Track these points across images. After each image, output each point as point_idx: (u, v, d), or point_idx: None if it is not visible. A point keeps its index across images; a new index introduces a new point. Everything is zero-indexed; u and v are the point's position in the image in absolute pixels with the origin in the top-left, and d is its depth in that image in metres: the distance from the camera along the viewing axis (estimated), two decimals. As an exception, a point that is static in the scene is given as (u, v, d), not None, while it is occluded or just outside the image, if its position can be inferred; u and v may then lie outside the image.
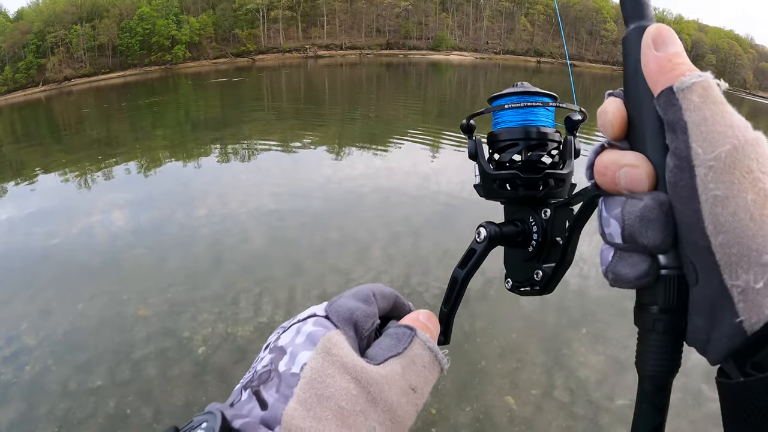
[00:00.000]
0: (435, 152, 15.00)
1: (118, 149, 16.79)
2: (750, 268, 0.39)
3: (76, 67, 69.47)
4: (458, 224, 8.23)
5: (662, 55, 0.44)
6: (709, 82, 0.43)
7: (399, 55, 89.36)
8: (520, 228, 0.65)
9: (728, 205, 0.39)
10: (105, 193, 11.47)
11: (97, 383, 4.75)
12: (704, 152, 0.41)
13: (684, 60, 0.44)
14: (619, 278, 0.46)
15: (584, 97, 43.57)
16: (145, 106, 31.62)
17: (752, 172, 0.40)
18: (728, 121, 0.41)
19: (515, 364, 4.93)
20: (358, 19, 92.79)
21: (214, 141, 17.16)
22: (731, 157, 0.40)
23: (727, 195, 0.39)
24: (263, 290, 6.34)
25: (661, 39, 0.45)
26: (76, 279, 6.99)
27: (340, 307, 0.57)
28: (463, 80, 47.33)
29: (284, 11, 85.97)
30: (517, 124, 0.64)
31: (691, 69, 0.44)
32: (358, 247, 7.60)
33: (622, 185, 0.46)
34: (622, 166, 0.46)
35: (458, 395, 4.47)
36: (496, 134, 0.66)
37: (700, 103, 0.42)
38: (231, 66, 72.42)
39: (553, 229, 0.62)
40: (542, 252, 0.63)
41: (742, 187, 0.39)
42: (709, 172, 0.40)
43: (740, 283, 0.39)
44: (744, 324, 0.40)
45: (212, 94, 37.76)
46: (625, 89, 0.49)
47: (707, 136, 0.41)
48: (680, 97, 0.43)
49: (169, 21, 74.96)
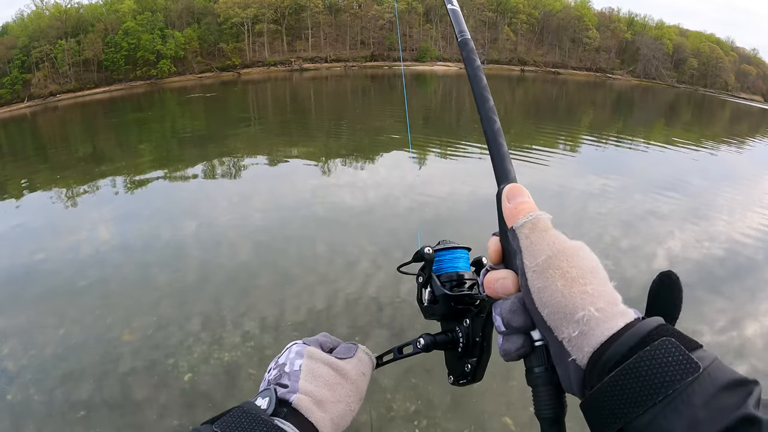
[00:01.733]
0: (421, 163, 15.03)
1: (103, 166, 16.68)
2: (569, 325, 0.60)
3: (62, 82, 68.85)
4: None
5: (511, 205, 0.70)
6: (537, 219, 0.67)
7: (384, 66, 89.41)
8: (450, 337, 0.88)
9: (546, 291, 0.62)
10: (90, 210, 11.41)
11: (81, 412, 4.70)
12: (530, 263, 0.65)
13: (526, 206, 0.69)
14: (506, 353, 0.69)
15: (569, 105, 43.88)
16: (130, 121, 31.48)
17: (561, 268, 0.62)
18: (546, 241, 0.65)
19: (512, 382, 4.92)
20: (343, 32, 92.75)
21: (200, 157, 17.13)
22: (546, 263, 0.63)
23: (545, 285, 0.62)
24: (249, 311, 6.31)
25: (512, 194, 0.71)
26: (60, 300, 6.93)
27: (310, 338, 0.94)
28: (447, 91, 47.48)
29: (269, 24, 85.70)
30: (450, 270, 0.89)
31: (529, 211, 0.69)
32: (345, 261, 7.60)
33: (499, 292, 0.71)
34: (498, 279, 0.71)
35: (455, 417, 4.46)
36: (440, 276, 0.89)
37: (529, 233, 0.66)
38: (216, 80, 72.19)
39: (473, 333, 0.85)
40: (467, 350, 0.87)
41: (554, 279, 0.62)
42: (534, 275, 0.64)
43: (565, 335, 0.60)
44: (577, 361, 0.60)
45: (197, 109, 37.65)
46: (499, 229, 0.73)
47: (531, 253, 0.65)
48: (518, 232, 0.68)
49: (154, 35, 74.51)
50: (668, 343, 0.54)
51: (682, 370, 0.51)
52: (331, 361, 0.87)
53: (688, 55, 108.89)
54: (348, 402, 0.84)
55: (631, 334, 0.57)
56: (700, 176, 15.64)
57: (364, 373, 0.90)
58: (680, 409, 0.50)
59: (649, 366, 0.53)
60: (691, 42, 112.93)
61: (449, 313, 0.88)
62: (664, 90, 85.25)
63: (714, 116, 50.48)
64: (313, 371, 0.84)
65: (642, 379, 0.52)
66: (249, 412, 0.74)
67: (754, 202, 12.65)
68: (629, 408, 0.53)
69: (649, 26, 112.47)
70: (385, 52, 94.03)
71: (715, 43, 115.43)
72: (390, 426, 4.32)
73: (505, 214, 0.71)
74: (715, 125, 40.23)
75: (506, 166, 0.77)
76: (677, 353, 0.52)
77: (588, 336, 0.59)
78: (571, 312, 0.60)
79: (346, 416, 0.83)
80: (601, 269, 0.64)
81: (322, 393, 0.81)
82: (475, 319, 0.85)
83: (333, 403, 0.82)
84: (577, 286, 0.61)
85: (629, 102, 53.52)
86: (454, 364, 0.90)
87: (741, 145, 25.96)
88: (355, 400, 0.86)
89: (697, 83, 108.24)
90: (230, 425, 0.71)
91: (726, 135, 30.84)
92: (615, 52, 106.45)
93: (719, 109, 60.00)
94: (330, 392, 0.82)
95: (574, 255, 0.64)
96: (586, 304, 0.60)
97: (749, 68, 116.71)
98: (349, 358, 0.89)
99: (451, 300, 0.86)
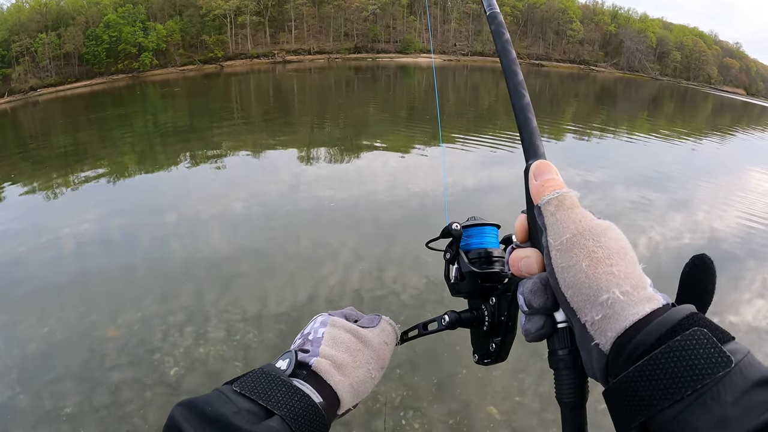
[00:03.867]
0: (404, 156, 15.06)
1: (86, 160, 16.54)
2: (592, 308, 0.58)
3: (42, 76, 67.83)
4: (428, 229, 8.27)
5: (538, 182, 0.69)
6: (564, 196, 0.66)
7: (367, 58, 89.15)
8: (475, 315, 0.87)
9: (570, 271, 0.61)
10: (71, 206, 11.33)
11: (68, 410, 4.69)
12: (554, 241, 0.63)
13: (553, 183, 0.68)
14: (527, 332, 0.68)
15: (552, 96, 44.10)
16: (112, 115, 31.23)
17: (587, 248, 0.61)
18: (572, 219, 0.64)
19: (496, 372, 4.97)
20: (326, 24, 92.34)
21: (183, 150, 17.03)
22: (571, 242, 0.62)
23: (569, 264, 0.61)
24: (233, 305, 6.31)
25: (539, 171, 0.70)
26: (44, 297, 6.87)
27: (336, 311, 0.95)
28: (431, 83, 47.45)
29: (252, 17, 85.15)
30: (478, 246, 0.88)
31: (556, 188, 0.67)
32: (326, 251, 7.62)
33: (523, 271, 0.69)
34: (522, 258, 0.70)
35: (440, 407, 4.51)
36: (468, 253, 0.88)
37: (555, 211, 0.65)
38: (199, 73, 71.72)
39: (499, 312, 0.84)
40: (492, 329, 0.85)
41: (578, 258, 0.60)
42: (558, 253, 0.62)
43: (588, 318, 0.59)
44: (600, 346, 0.58)
45: (180, 103, 37.39)
46: (527, 206, 0.72)
47: (557, 231, 0.63)
48: (543, 209, 0.66)
49: (136, 28, 73.64)
50: (699, 334, 0.51)
51: (714, 363, 0.49)
52: (353, 329, 0.88)
53: (672, 48, 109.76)
54: (369, 369, 0.85)
55: (661, 322, 0.55)
56: (683, 167, 15.80)
57: (387, 343, 0.91)
58: (709, 404, 0.47)
59: (678, 357, 0.50)
60: (675, 35, 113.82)
61: (476, 291, 0.87)
62: (647, 82, 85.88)
63: (697, 109, 50.90)
64: (335, 337, 0.85)
65: (670, 371, 0.50)
66: (268, 373, 0.74)
67: (734, 193, 12.81)
68: (655, 400, 0.51)
69: (633, 19, 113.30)
70: (369, 44, 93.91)
71: (698, 37, 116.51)
72: (377, 416, 4.36)
73: (532, 192, 0.70)
74: (698, 117, 40.60)
75: (535, 141, 0.76)
76: (709, 345, 0.50)
77: (612, 320, 0.57)
78: (595, 294, 0.58)
79: (366, 383, 0.84)
80: (630, 250, 0.62)
81: (342, 357, 0.82)
82: (501, 297, 0.84)
83: (353, 368, 0.82)
84: (602, 267, 0.59)
85: (612, 94, 53.84)
86: (479, 343, 0.90)
87: (723, 137, 26.21)
88: (376, 367, 0.87)
89: (680, 76, 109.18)
90: (249, 385, 0.71)
91: (709, 127, 31.12)
92: (599, 45, 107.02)
93: (702, 102, 60.52)
94: (351, 357, 0.83)
95: (601, 234, 0.62)
96: (611, 286, 0.58)
97: (732, 62, 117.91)
98: (372, 327, 0.91)
99: (478, 278, 0.85)
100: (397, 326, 0.95)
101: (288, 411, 0.69)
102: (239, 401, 0.68)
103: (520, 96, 0.79)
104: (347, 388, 0.80)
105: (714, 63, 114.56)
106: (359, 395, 0.83)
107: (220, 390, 0.70)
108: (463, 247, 0.89)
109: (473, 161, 14.40)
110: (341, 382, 0.79)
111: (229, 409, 0.65)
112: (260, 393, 0.70)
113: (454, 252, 0.89)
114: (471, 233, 0.89)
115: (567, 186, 0.68)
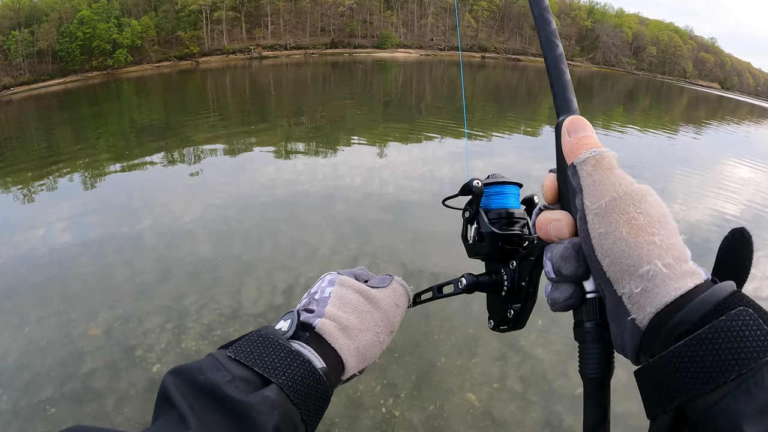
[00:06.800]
0: (382, 151, 15.12)
1: (61, 159, 16.34)
2: (631, 279, 0.54)
3: (15, 75, 66.73)
4: (407, 224, 8.35)
5: (572, 139, 0.63)
6: (602, 155, 0.60)
7: (344, 53, 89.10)
8: (493, 279, 0.83)
9: (609, 238, 0.56)
10: (48, 205, 11.20)
11: (52, 410, 4.69)
12: (591, 204, 0.58)
13: (589, 141, 0.62)
14: (554, 302, 0.64)
15: (529, 90, 44.37)
16: (87, 114, 30.91)
17: (627, 213, 0.56)
18: (611, 181, 0.58)
19: (475, 359, 5.05)
20: (303, 19, 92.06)
21: (159, 148, 16.92)
22: (610, 206, 0.57)
23: (608, 231, 0.56)
24: (212, 300, 6.33)
25: (573, 127, 0.64)
26: (21, 298, 6.81)
27: (345, 270, 0.90)
28: (408, 78, 47.54)
29: (228, 12, 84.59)
30: (500, 206, 0.84)
31: (592, 146, 0.62)
32: (306, 250, 7.65)
33: (552, 235, 0.64)
34: (551, 221, 0.64)
35: (420, 395, 4.57)
36: (488, 213, 0.83)
37: (592, 171, 0.60)
38: (174, 69, 71.14)
39: (519, 277, 0.79)
40: (511, 294, 0.80)
41: (618, 224, 0.56)
42: (595, 218, 0.57)
43: (626, 291, 0.55)
44: (636, 321, 0.54)
45: (155, 99, 37.10)
46: (557, 165, 0.67)
47: (594, 193, 0.58)
48: (579, 168, 0.61)
49: (110, 24, 72.78)
50: (746, 314, 0.47)
51: (759, 347, 0.45)
52: (362, 289, 0.84)
53: (647, 43, 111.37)
54: (377, 332, 0.80)
55: (705, 299, 0.51)
56: (658, 159, 16.02)
57: (398, 305, 0.86)
58: (752, 391, 0.44)
59: (723, 339, 0.46)
60: (651, 30, 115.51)
61: (495, 253, 0.82)
62: (623, 77, 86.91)
63: (672, 102, 51.57)
64: (342, 297, 0.80)
65: (715, 353, 0.46)
66: (266, 336, 0.69)
67: (710, 185, 13.02)
68: (696, 384, 0.47)
69: (609, 14, 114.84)
70: (346, 39, 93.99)
71: (674, 32, 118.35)
72: (357, 405, 4.43)
73: (565, 149, 0.64)
74: (674, 111, 41.18)
75: (568, 96, 0.69)
76: (755, 327, 0.46)
77: (652, 294, 0.53)
78: (636, 264, 0.54)
79: (373, 347, 0.79)
80: (670, 218, 0.58)
81: (349, 319, 0.77)
82: (522, 261, 0.79)
83: (360, 330, 0.78)
84: (643, 236, 0.55)
85: (588, 88, 54.33)
86: (496, 309, 0.85)
87: (699, 129, 26.62)
88: (385, 331, 0.82)
89: (655, 70, 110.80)
90: (245, 350, 0.67)
91: (684, 120, 31.60)
92: (575, 40, 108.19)
93: (677, 96, 61.30)
94: (358, 319, 0.79)
95: (642, 200, 0.57)
96: (652, 257, 0.54)
97: (707, 56, 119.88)
98: (383, 288, 0.87)
99: (499, 239, 0.81)
100: (410, 287, 0.91)
101: (286, 379, 0.65)
102: (233, 368, 0.64)
103: (553, 46, 0.72)
104: (353, 352, 0.75)
105: (689, 58, 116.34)
106: (365, 360, 0.79)
107: (214, 355, 0.66)
108: (483, 206, 0.84)
109: (446, 153, 14.48)
110: (346, 345, 0.75)
111: (221, 377, 0.61)
112: (256, 359, 0.66)
113: (473, 211, 0.84)
114: (491, 191, 0.85)
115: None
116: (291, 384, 0.65)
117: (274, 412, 0.61)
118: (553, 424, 4.31)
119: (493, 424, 4.28)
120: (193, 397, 0.59)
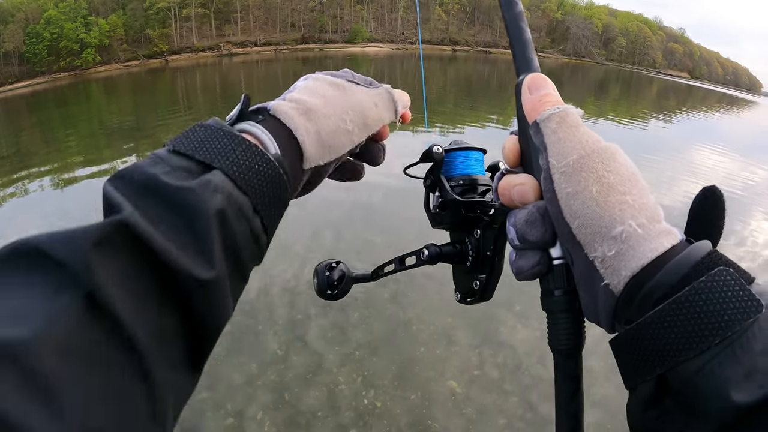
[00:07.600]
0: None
1: (30, 163, 16.08)
2: (603, 242, 0.50)
3: (-19, 78, 65.84)
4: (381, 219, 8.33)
5: (534, 96, 0.60)
6: (566, 111, 0.57)
7: (315, 49, 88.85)
8: (457, 249, 0.78)
9: (578, 198, 0.52)
10: (17, 213, 11.01)
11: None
12: (557, 162, 0.54)
13: (551, 98, 0.59)
14: (520, 270, 0.59)
15: (500, 82, 44.58)
16: (55, 116, 30.45)
17: (596, 171, 0.52)
18: (578, 138, 0.55)
19: (455, 347, 5.05)
20: (273, 15, 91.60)
21: (129, 150, 16.70)
22: (578, 164, 0.53)
23: (577, 190, 0.52)
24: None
25: (535, 85, 0.61)
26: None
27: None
28: (380, 72, 47.45)
29: (196, 9, 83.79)
30: (462, 173, 0.80)
31: (555, 104, 0.58)
32: (275, 244, 7.61)
33: (516, 200, 0.59)
34: (514, 185, 0.59)
35: (401, 385, 4.56)
36: (450, 180, 0.79)
37: (557, 128, 0.56)
38: (143, 68, 70.27)
39: (484, 246, 0.74)
40: (477, 264, 0.76)
41: (587, 183, 0.52)
42: (562, 177, 0.53)
43: (598, 254, 0.50)
44: (610, 286, 0.50)
45: (125, 100, 36.68)
46: (518, 127, 0.63)
47: (560, 151, 0.54)
48: (542, 126, 0.57)
49: (78, 24, 71.76)
50: (726, 274, 0.44)
51: (743, 308, 0.42)
52: (337, 82, 0.71)
53: (617, 34, 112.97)
54: (345, 119, 0.67)
55: (682, 260, 0.48)
56: (630, 148, 16.09)
57: (377, 105, 0.73)
58: (738, 355, 0.42)
59: (705, 301, 0.44)
60: (620, 21, 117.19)
61: (458, 222, 0.78)
62: (593, 67, 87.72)
63: (642, 92, 52.18)
64: (310, 86, 0.68)
65: (697, 317, 0.44)
66: (208, 125, 0.58)
67: (681, 171, 13.19)
68: (678, 350, 0.44)
69: (579, 6, 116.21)
70: (316, 34, 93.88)
71: (643, 23, 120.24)
72: (339, 397, 4.40)
73: (526, 107, 0.60)
74: (644, 100, 41.67)
75: (528, 54, 0.65)
76: (737, 287, 0.43)
77: (627, 257, 0.49)
78: (608, 225, 0.50)
79: (338, 134, 0.67)
80: (640, 177, 0.54)
81: (311, 102, 0.65)
82: (486, 230, 0.74)
83: (325, 116, 0.65)
84: (615, 195, 0.51)
85: (559, 79, 54.54)
86: (462, 280, 0.80)
87: (669, 118, 27.00)
88: (356, 120, 0.69)
89: (625, 61, 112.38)
90: (184, 141, 0.57)
91: (655, 109, 32.03)
92: (545, 32, 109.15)
93: (647, 86, 62.02)
94: (322, 102, 0.66)
95: (611, 158, 0.54)
96: (626, 217, 0.50)
97: (676, 46, 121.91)
98: (364, 86, 0.74)
99: (461, 207, 0.76)
100: (399, 104, 0.79)
101: (230, 163, 0.55)
102: (172, 159, 0.55)
103: (512, 4, 0.69)
104: (312, 136, 0.64)
105: (659, 48, 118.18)
106: (331, 150, 0.66)
107: (154, 152, 0.57)
108: (444, 173, 0.80)
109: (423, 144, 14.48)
110: (304, 126, 0.63)
111: (160, 170, 0.53)
112: (196, 147, 0.56)
113: (435, 178, 0.80)
114: (454, 157, 0.81)
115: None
116: (235, 168, 0.56)
117: (217, 196, 0.52)
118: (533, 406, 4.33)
119: (477, 411, 4.28)
120: (131, 193, 0.52)
